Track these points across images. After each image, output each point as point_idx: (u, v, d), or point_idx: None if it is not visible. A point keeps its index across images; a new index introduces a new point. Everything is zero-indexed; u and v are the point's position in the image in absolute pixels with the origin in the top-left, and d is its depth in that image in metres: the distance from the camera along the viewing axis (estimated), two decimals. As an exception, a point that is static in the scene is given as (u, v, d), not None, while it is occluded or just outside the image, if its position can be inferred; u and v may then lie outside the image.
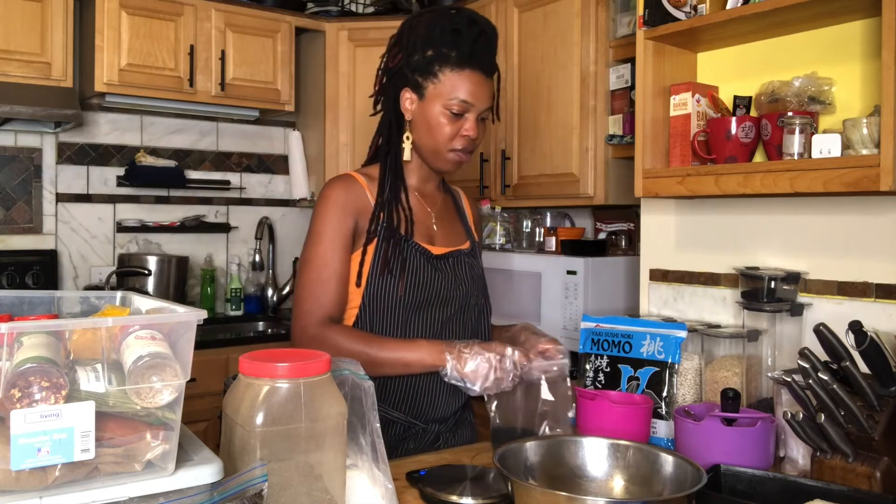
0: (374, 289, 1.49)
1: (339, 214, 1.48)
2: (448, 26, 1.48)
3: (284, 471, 0.94)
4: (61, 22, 2.97)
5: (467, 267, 1.62)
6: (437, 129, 1.50)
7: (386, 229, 1.50)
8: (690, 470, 1.09)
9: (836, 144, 1.51)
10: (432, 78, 1.49)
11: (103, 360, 0.86)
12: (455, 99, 1.48)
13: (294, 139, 3.80)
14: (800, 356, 1.28)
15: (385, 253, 1.49)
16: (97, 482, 0.83)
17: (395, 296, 1.49)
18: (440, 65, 1.48)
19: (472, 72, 1.48)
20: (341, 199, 1.50)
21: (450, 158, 1.53)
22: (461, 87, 1.48)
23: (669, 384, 1.61)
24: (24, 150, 3.25)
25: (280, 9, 3.49)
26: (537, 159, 2.94)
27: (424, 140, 1.53)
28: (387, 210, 1.51)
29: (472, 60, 1.48)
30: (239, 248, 3.80)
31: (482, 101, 1.50)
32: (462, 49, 1.47)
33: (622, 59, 2.70)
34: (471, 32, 1.48)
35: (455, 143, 1.51)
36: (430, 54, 1.48)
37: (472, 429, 1.69)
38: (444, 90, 1.48)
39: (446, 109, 1.49)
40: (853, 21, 1.65)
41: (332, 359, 1.02)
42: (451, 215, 1.68)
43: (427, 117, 1.50)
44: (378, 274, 1.48)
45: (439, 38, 1.48)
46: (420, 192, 1.61)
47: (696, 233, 1.98)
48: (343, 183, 1.52)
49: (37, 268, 3.18)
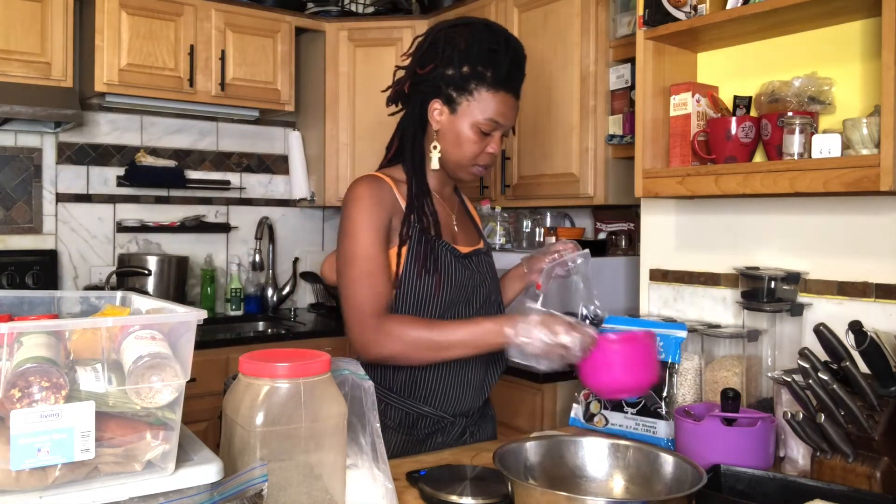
0: (407, 289, 1.51)
1: (376, 210, 1.50)
2: (486, 45, 1.50)
3: (284, 471, 0.94)
4: (61, 22, 2.97)
5: (487, 265, 1.66)
6: (465, 144, 1.53)
7: (418, 231, 1.52)
8: (690, 470, 1.10)
9: (836, 144, 1.51)
10: (467, 95, 1.50)
11: (103, 360, 0.86)
12: (488, 118, 1.51)
13: (294, 139, 3.80)
14: (800, 356, 1.28)
15: (419, 254, 1.51)
16: (97, 482, 0.83)
17: (429, 295, 1.51)
18: (477, 83, 1.49)
19: (506, 94, 1.51)
20: (375, 196, 1.51)
21: (472, 172, 1.58)
22: (494, 107, 1.50)
23: (669, 384, 1.61)
24: (24, 150, 3.25)
25: (280, 9, 3.49)
26: (537, 159, 2.94)
27: (451, 152, 1.55)
28: (417, 212, 1.54)
29: (507, 83, 1.50)
30: (239, 248, 3.80)
31: (510, 120, 1.54)
32: (500, 70, 1.49)
33: (622, 59, 2.70)
34: (507, 54, 1.50)
35: (480, 160, 1.55)
36: (467, 71, 1.49)
37: (494, 423, 1.74)
38: (477, 108, 1.50)
39: (477, 127, 1.51)
40: (853, 21, 1.65)
41: (331, 359, 1.02)
42: (466, 217, 1.74)
43: (457, 131, 1.53)
44: (415, 275, 1.50)
45: (476, 55, 1.49)
46: (440, 194, 1.65)
47: (696, 233, 1.98)
48: (373, 182, 1.54)
49: (37, 268, 3.18)
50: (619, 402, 1.67)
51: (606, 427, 1.68)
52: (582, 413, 1.74)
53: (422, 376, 1.54)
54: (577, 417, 1.75)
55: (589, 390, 1.64)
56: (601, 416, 1.70)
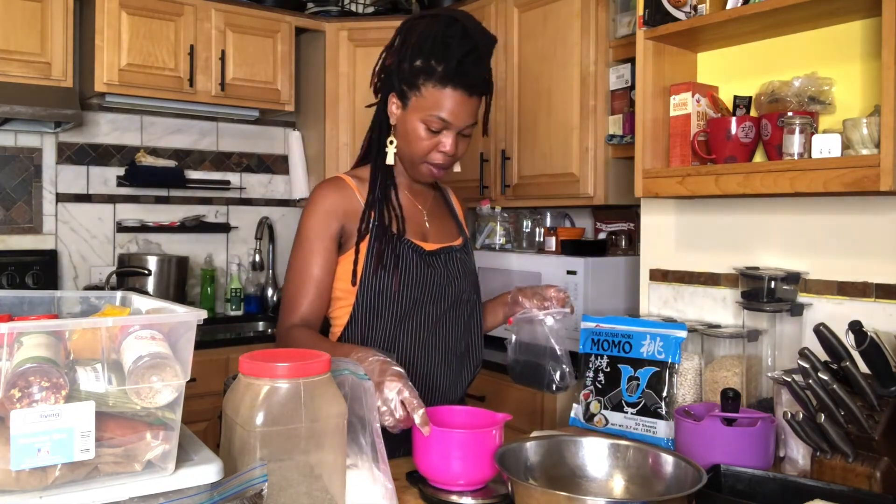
0: (368, 287, 1.49)
1: (325, 219, 1.50)
2: (440, 37, 1.44)
3: (284, 471, 0.94)
4: (61, 22, 2.97)
5: (460, 263, 1.62)
6: (414, 141, 1.49)
7: (378, 227, 1.51)
8: (690, 470, 1.09)
9: (836, 144, 1.51)
10: (415, 90, 1.46)
11: (103, 360, 0.86)
12: (434, 116, 1.45)
13: (294, 139, 3.80)
14: (800, 356, 1.28)
15: (378, 251, 1.49)
16: (97, 482, 0.83)
17: (389, 293, 1.49)
18: (424, 78, 1.45)
19: (454, 91, 1.44)
20: (327, 204, 1.50)
21: (424, 171, 1.53)
22: (441, 104, 1.44)
23: (669, 384, 1.61)
24: (24, 150, 3.25)
25: (280, 9, 3.49)
26: (537, 159, 2.94)
27: (402, 148, 1.53)
28: (378, 209, 1.52)
29: (455, 78, 1.43)
30: (239, 248, 3.80)
31: (462, 119, 1.46)
32: (449, 65, 1.43)
33: (622, 59, 2.70)
34: (461, 47, 1.44)
35: (431, 158, 1.50)
36: (418, 65, 1.45)
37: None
38: (424, 105, 1.46)
39: (424, 124, 1.47)
40: (853, 21, 1.65)
41: (331, 359, 1.02)
42: (443, 212, 1.69)
43: (406, 128, 1.49)
44: (372, 272, 1.49)
45: (430, 49, 1.44)
46: (411, 189, 1.61)
47: (696, 233, 1.98)
48: (331, 186, 1.53)
49: (37, 268, 3.18)
50: (619, 402, 1.67)
51: (606, 427, 1.68)
52: (582, 413, 1.74)
53: None
54: (577, 417, 1.75)
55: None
56: (601, 416, 1.70)
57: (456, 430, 1.20)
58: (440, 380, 1.56)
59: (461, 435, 1.19)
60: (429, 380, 1.55)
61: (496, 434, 1.20)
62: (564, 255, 2.73)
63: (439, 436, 1.19)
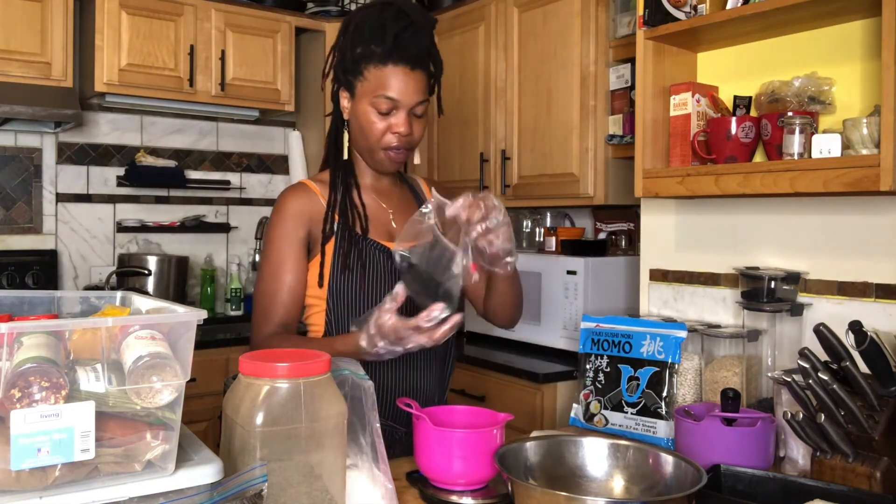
0: (336, 288, 1.48)
1: (291, 225, 1.48)
2: (375, 21, 1.45)
3: (284, 471, 0.94)
4: (61, 22, 2.97)
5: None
6: (367, 128, 1.47)
7: (342, 229, 1.49)
8: (690, 470, 1.09)
9: (836, 144, 1.51)
10: (359, 76, 1.46)
11: (103, 360, 0.86)
12: (380, 96, 1.43)
13: (294, 139, 3.80)
14: (800, 356, 1.28)
15: (343, 252, 1.48)
16: (97, 482, 0.83)
17: (356, 294, 1.48)
18: (366, 62, 1.44)
19: (395, 66, 1.43)
20: (293, 210, 1.49)
21: (383, 158, 1.50)
22: (385, 83, 1.43)
23: (669, 384, 1.61)
24: (24, 150, 3.25)
25: (280, 9, 3.49)
26: (537, 159, 2.94)
27: (359, 140, 1.51)
28: (340, 210, 1.50)
29: (394, 54, 1.42)
30: (239, 248, 3.80)
31: (409, 96, 1.44)
32: (386, 43, 1.42)
33: (622, 59, 2.70)
34: (396, 25, 1.42)
35: (386, 141, 1.47)
36: (359, 52, 1.45)
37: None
38: (369, 88, 1.44)
39: (373, 108, 1.45)
40: (853, 21, 1.65)
41: (332, 359, 1.02)
42: (411, 207, 1.62)
43: (358, 117, 1.48)
44: (339, 273, 1.48)
45: (367, 34, 1.44)
46: (375, 189, 1.58)
47: (695, 233, 1.98)
48: (295, 192, 1.51)
49: (37, 268, 3.18)
50: (619, 402, 1.67)
51: (606, 427, 1.68)
52: (582, 413, 1.74)
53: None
54: (577, 417, 1.75)
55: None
56: (601, 416, 1.70)
57: (458, 430, 1.21)
58: (423, 382, 1.55)
59: (463, 434, 1.19)
60: (412, 383, 1.53)
61: (497, 434, 1.20)
62: (564, 255, 2.73)
63: (440, 435, 1.19)
